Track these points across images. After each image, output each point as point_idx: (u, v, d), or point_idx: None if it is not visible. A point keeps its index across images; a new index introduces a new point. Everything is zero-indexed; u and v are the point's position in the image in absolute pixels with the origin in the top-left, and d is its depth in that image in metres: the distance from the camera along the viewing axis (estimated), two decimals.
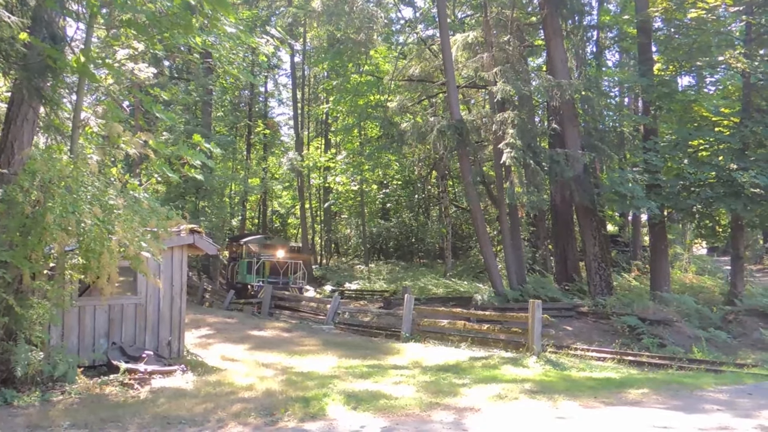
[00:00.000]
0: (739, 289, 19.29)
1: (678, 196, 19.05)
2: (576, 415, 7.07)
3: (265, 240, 28.40)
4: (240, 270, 27.09)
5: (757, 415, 7.12)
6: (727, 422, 6.74)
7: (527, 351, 11.66)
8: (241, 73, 13.70)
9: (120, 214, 7.48)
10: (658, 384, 9.11)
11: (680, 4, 19.62)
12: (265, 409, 7.02)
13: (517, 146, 18.49)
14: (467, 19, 27.87)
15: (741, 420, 6.85)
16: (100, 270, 7.33)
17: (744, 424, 6.64)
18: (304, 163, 33.81)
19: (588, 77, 22.91)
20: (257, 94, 39.17)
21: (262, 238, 28.74)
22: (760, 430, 6.43)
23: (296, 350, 12.29)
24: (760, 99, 19.79)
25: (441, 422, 6.59)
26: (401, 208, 35.62)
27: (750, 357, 13.39)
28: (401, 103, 24.51)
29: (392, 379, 9.01)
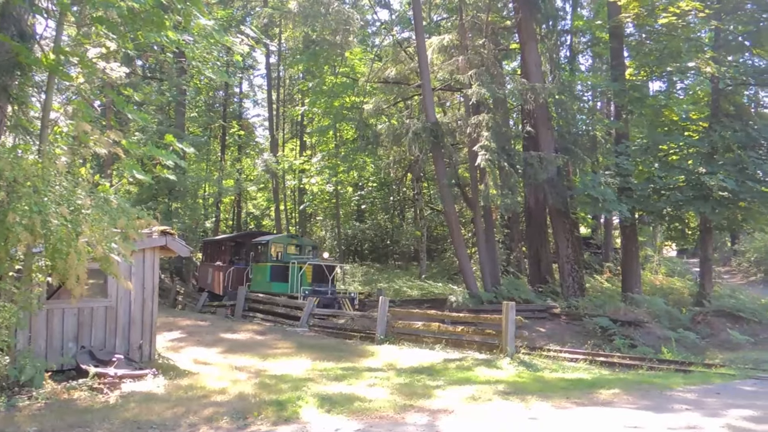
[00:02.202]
0: (707, 291, 19.64)
1: (648, 199, 19.34)
2: (548, 415, 7.12)
3: (290, 239, 23.28)
4: (256, 276, 21.98)
5: (725, 414, 7.25)
6: (696, 421, 6.84)
7: (501, 352, 11.72)
8: (216, 73, 13.56)
9: (88, 215, 7.35)
10: (628, 384, 9.22)
11: (651, 10, 19.93)
12: (237, 413, 6.95)
13: (492, 149, 18.60)
14: (443, 22, 27.96)
15: (709, 419, 6.97)
16: (68, 271, 7.19)
17: (712, 423, 6.76)
18: (279, 165, 33.59)
19: (561, 81, 23.15)
20: (232, 94, 38.84)
21: (286, 237, 23.70)
22: (728, 428, 6.55)
23: (270, 353, 12.20)
24: (728, 104, 20.17)
25: (414, 424, 6.59)
26: (376, 209, 35.63)
27: (718, 357, 13.63)
28: (377, 105, 24.50)
29: (366, 382, 8.99)
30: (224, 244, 26.58)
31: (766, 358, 12.80)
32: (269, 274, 20.96)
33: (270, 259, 21.39)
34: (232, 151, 39.99)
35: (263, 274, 21.41)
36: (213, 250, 27.58)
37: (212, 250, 27.70)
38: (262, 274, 21.53)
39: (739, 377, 10.35)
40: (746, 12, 19.62)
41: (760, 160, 17.89)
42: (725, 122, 18.92)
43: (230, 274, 23.32)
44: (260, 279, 21.55)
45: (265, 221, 43.20)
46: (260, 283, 21.37)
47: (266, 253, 21.62)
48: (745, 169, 17.57)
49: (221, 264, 25.00)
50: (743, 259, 31.68)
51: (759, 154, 18.40)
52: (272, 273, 20.91)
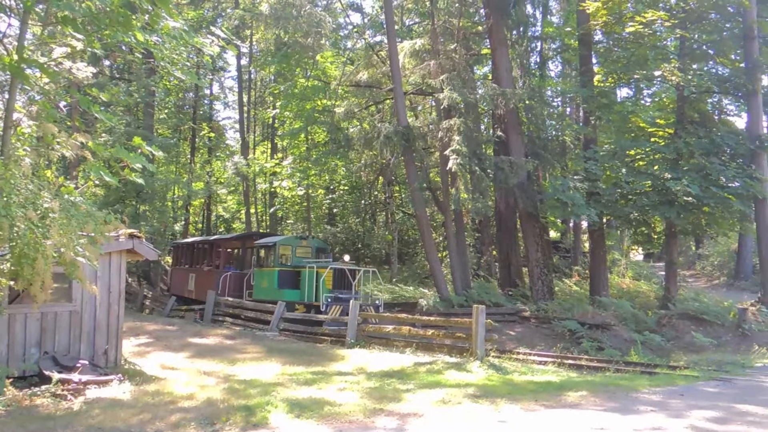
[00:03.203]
0: (672, 294, 20.03)
1: (616, 204, 19.66)
2: (517, 418, 7.18)
3: (299, 241, 20.53)
4: (260, 282, 19.60)
5: (688, 415, 7.39)
6: (660, 423, 6.96)
7: (471, 356, 11.78)
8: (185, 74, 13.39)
9: (55, 218, 7.19)
10: (595, 386, 9.35)
11: (619, 18, 20.32)
12: (205, 419, 6.85)
13: (463, 153, 18.73)
14: (415, 27, 28.12)
15: (673, 420, 7.10)
16: (34, 276, 7.02)
17: (676, 424, 6.88)
18: (250, 168, 33.35)
19: (532, 87, 23.45)
20: (202, 96, 38.45)
21: (294, 238, 20.83)
22: (691, 429, 6.68)
23: (239, 358, 12.08)
24: (692, 111, 20.64)
25: (384, 428, 6.58)
26: (348, 213, 35.54)
27: (682, 359, 13.90)
28: (348, 109, 24.48)
29: (337, 386, 8.95)
30: (212, 246, 24.53)
31: (728, 359, 13.08)
32: (277, 280, 18.65)
33: (277, 263, 18.99)
34: (202, 154, 39.57)
35: (269, 279, 19.03)
36: (193, 254, 25.73)
37: (192, 254, 25.82)
38: (268, 280, 19.16)
39: (703, 379, 10.57)
40: (710, 21, 20.13)
41: (723, 166, 18.32)
42: (690, 129, 19.36)
43: (225, 281, 21.20)
44: (266, 286, 19.16)
45: (235, 224, 42.81)
46: (266, 290, 19.04)
47: (273, 257, 19.23)
48: (709, 175, 17.97)
49: (209, 269, 23.10)
50: (707, 262, 32.35)
51: (722, 160, 18.85)
52: (280, 279, 18.64)
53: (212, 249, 24.36)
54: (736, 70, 20.14)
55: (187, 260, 25.89)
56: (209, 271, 22.87)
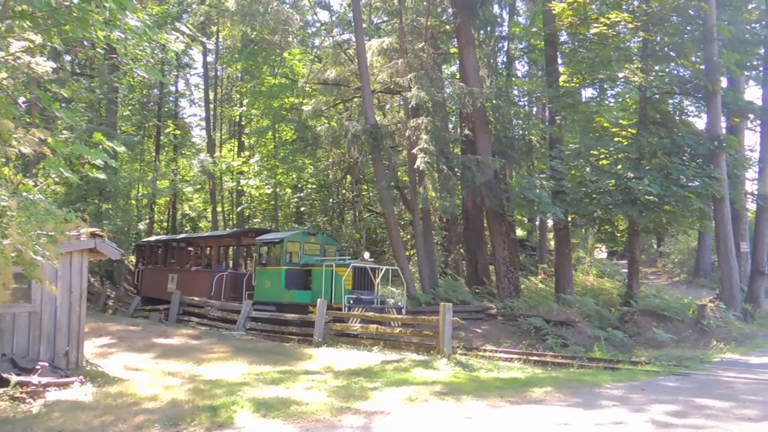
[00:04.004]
0: (634, 291, 20.44)
1: (581, 203, 19.98)
2: (483, 414, 7.24)
3: (307, 237, 18.75)
4: (263, 283, 17.98)
5: (649, 409, 7.55)
6: (622, 417, 7.10)
7: (438, 353, 11.84)
8: (149, 70, 13.18)
9: (14, 217, 7.00)
10: (560, 382, 9.48)
11: (584, 19, 20.63)
12: (169, 420, 6.76)
13: (431, 152, 18.82)
14: (383, 25, 28.11)
15: (634, 414, 7.24)
16: None
17: (636, 418, 7.03)
18: (217, 166, 32.98)
19: (499, 86, 23.69)
20: (167, 93, 37.87)
21: (302, 234, 18.97)
22: (651, 423, 6.82)
23: (205, 358, 11.95)
24: (654, 112, 21.09)
25: (351, 426, 6.58)
26: (315, 212, 35.39)
27: (644, 355, 14.17)
28: (316, 107, 24.40)
29: (304, 385, 8.92)
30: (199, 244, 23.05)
31: (688, 355, 13.40)
32: (284, 280, 17.15)
33: (285, 261, 17.50)
34: (167, 151, 38.93)
35: (275, 280, 17.47)
36: (171, 252, 24.23)
37: (169, 252, 24.34)
38: (273, 281, 17.58)
39: (663, 374, 10.80)
40: (672, 24, 20.57)
41: (683, 166, 18.76)
42: (652, 129, 19.77)
43: (221, 282, 19.71)
44: (270, 286, 17.59)
45: (202, 223, 42.30)
46: (270, 291, 17.54)
47: (279, 255, 17.66)
48: (670, 175, 18.38)
49: (197, 269, 21.66)
50: (668, 260, 33.13)
51: (682, 160, 19.31)
52: (288, 279, 17.18)
53: (201, 247, 22.96)
54: (697, 71, 20.63)
55: (163, 259, 24.48)
56: (197, 272, 21.35)
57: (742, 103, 21.19)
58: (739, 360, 12.98)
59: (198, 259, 22.69)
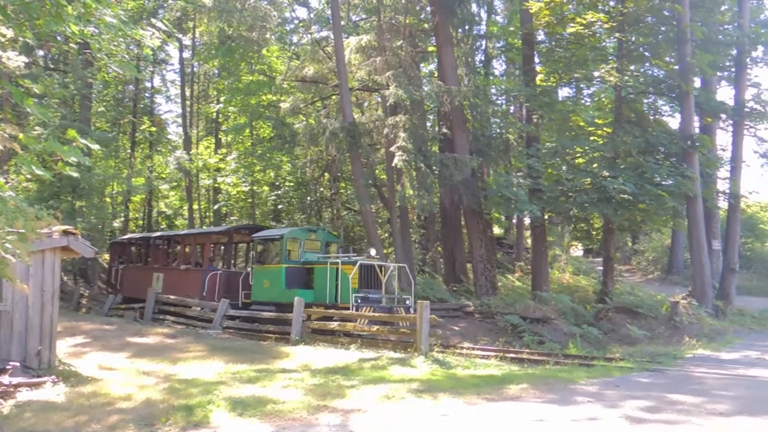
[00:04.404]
0: (609, 288, 20.69)
1: (557, 201, 20.17)
2: (459, 412, 7.28)
3: (308, 233, 17.97)
4: (261, 281, 17.10)
5: (622, 405, 7.65)
6: (596, 413, 7.19)
7: (415, 351, 11.87)
8: (124, 66, 12.99)
9: None
10: (536, 379, 9.57)
11: (561, 19, 20.83)
12: (144, 420, 6.69)
13: (409, 150, 18.84)
14: (361, 23, 28.04)
15: (608, 410, 7.34)
16: None
17: (611, 414, 7.12)
18: (193, 163, 32.63)
19: (476, 85, 23.78)
20: (143, 89, 37.31)
21: (302, 230, 18.25)
22: (625, 418, 6.92)
23: (181, 357, 11.84)
24: (629, 111, 21.36)
25: (328, 425, 6.57)
26: (293, 209, 35.20)
27: (618, 351, 14.36)
28: (294, 104, 24.26)
29: (280, 383, 8.88)
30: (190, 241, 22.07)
31: (661, 351, 13.59)
32: (284, 279, 16.40)
33: (284, 259, 16.71)
34: (142, 148, 38.44)
35: (274, 279, 16.67)
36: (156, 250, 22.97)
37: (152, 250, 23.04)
38: (272, 279, 16.75)
39: (637, 370, 10.95)
40: (646, 24, 20.85)
41: (657, 165, 19.04)
42: (627, 128, 20.02)
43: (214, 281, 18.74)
44: (270, 286, 16.75)
45: (178, 221, 41.87)
46: (269, 290, 16.67)
47: (278, 252, 16.95)
48: (644, 174, 18.64)
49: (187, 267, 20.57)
50: (642, 258, 33.57)
51: (656, 159, 19.59)
52: (288, 277, 16.41)
53: (190, 245, 22.07)
54: (671, 72, 20.94)
55: (147, 258, 23.29)
56: (187, 271, 20.25)
57: (714, 103, 21.55)
58: (710, 356, 13.22)
59: (187, 258, 21.74)
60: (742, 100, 21.55)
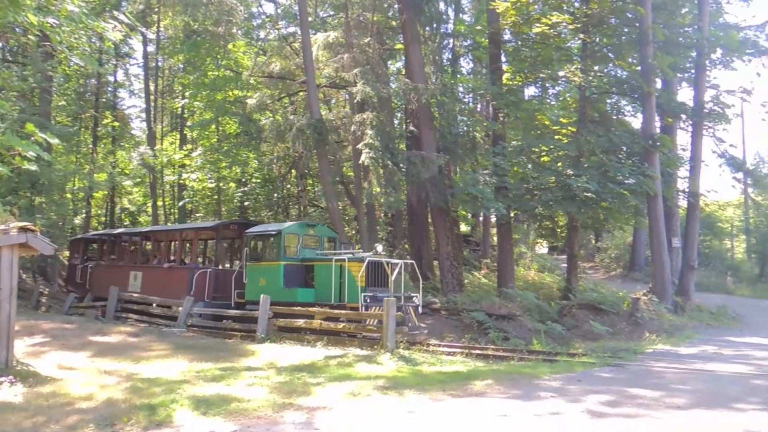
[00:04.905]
0: (573, 285, 21.03)
1: (522, 199, 20.41)
2: (425, 408, 7.32)
3: (306, 228, 17.04)
4: (257, 280, 16.22)
5: (584, 399, 7.79)
6: (559, 407, 7.30)
7: (382, 348, 11.89)
8: (85, 59, 12.72)
9: None
10: (500, 375, 9.66)
11: (527, 19, 21.05)
12: (104, 420, 6.56)
13: (376, 147, 18.85)
14: (329, 19, 27.96)
15: (571, 405, 7.46)
16: None
17: (573, 408, 7.24)
18: (157, 159, 32.14)
19: (444, 83, 23.90)
20: (105, 83, 36.56)
21: (300, 225, 17.16)
22: (586, 413, 7.05)
23: (144, 355, 11.65)
24: (593, 111, 21.72)
25: (293, 423, 6.54)
26: (260, 206, 34.94)
27: (581, 347, 14.58)
28: (261, 100, 24.07)
29: (245, 381, 8.81)
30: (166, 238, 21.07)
31: (622, 346, 13.85)
32: (282, 277, 15.67)
33: (282, 256, 15.92)
34: (105, 144, 37.65)
35: (271, 277, 15.85)
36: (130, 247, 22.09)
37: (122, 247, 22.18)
38: (268, 278, 15.91)
39: (598, 365, 11.15)
40: (610, 26, 21.22)
41: (620, 164, 19.41)
42: (590, 128, 20.35)
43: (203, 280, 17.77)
44: (266, 284, 15.84)
45: (141, 217, 41.20)
46: (266, 289, 15.48)
47: (276, 249, 16.04)
48: (607, 172, 18.98)
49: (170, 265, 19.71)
50: (605, 255, 34.22)
51: (619, 158, 19.96)
52: (287, 275, 15.72)
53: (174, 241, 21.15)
54: (633, 72, 21.34)
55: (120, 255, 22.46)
56: (171, 269, 19.39)
57: (675, 104, 22.01)
58: (669, 351, 13.52)
59: (168, 255, 20.82)
60: (702, 101, 22.05)
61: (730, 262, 30.62)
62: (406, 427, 6.54)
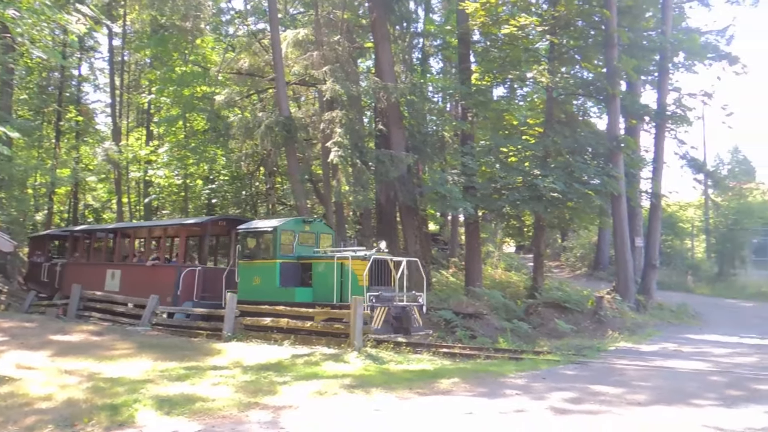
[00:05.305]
0: (539, 284, 21.30)
1: (490, 198, 20.59)
2: (391, 406, 7.34)
3: (303, 224, 16.24)
4: (251, 279, 15.54)
5: (548, 397, 7.91)
6: (524, 405, 7.40)
7: (349, 347, 11.88)
8: (48, 52, 12.44)
9: None
10: (467, 373, 9.75)
11: (496, 20, 21.23)
12: (64, 420, 6.44)
13: (345, 145, 18.83)
14: (299, 17, 27.82)
15: (535, 402, 7.57)
16: None
17: (537, 406, 7.35)
18: (123, 155, 31.60)
19: (413, 82, 23.97)
20: (69, 77, 35.78)
21: (297, 222, 16.44)
22: (550, 410, 7.16)
23: (107, 355, 11.43)
24: (560, 112, 22.02)
25: (258, 422, 6.50)
26: (228, 204, 34.60)
27: (546, 345, 14.76)
28: (229, 97, 23.83)
29: (210, 381, 8.72)
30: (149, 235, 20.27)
31: (586, 344, 14.05)
32: (278, 276, 15.05)
33: (278, 253, 15.22)
34: (68, 139, 36.87)
35: (267, 276, 15.20)
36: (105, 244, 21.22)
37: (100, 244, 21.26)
38: (263, 277, 15.30)
39: (563, 362, 11.31)
40: (577, 28, 21.54)
41: (585, 164, 19.71)
42: (557, 128, 20.64)
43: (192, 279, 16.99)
44: (261, 283, 15.30)
45: (106, 214, 40.46)
46: (260, 289, 15.22)
47: (272, 246, 15.30)
48: (573, 173, 19.24)
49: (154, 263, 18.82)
50: (571, 254, 34.73)
51: (584, 159, 20.28)
52: (283, 274, 15.10)
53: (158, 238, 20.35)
54: (599, 74, 21.67)
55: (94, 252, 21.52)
56: (155, 268, 18.49)
57: (638, 106, 22.43)
58: (631, 348, 13.78)
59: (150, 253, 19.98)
60: (664, 103, 22.52)
61: (690, 262, 31.30)
62: (373, 425, 6.56)
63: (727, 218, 29.84)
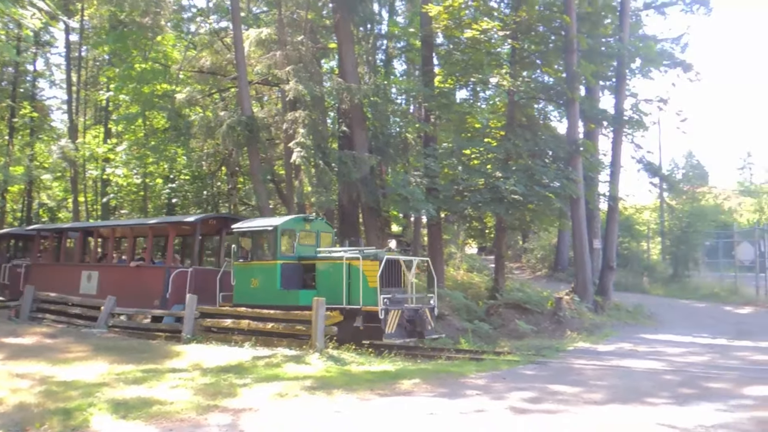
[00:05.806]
0: (500, 285, 21.54)
1: (452, 200, 20.73)
2: (352, 408, 7.34)
3: (303, 223, 15.46)
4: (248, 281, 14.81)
5: (508, 396, 8.02)
6: (484, 405, 7.48)
7: (311, 348, 11.83)
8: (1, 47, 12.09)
9: None
10: (428, 374, 9.80)
11: (458, 23, 21.41)
12: (15, 425, 6.27)
13: (308, 146, 18.74)
14: (262, 15, 27.58)
15: (495, 402, 7.66)
16: None
17: (497, 405, 7.44)
18: (79, 153, 30.85)
19: (377, 83, 23.98)
20: (24, 72, 34.83)
21: (297, 220, 15.54)
22: (510, 409, 7.26)
23: (61, 358, 11.14)
24: (521, 115, 22.32)
25: (217, 425, 6.43)
26: (189, 204, 34.05)
27: (506, 345, 14.95)
28: (190, 95, 23.49)
29: (169, 383, 8.58)
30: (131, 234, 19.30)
31: (545, 344, 14.29)
32: (279, 278, 14.31)
33: (279, 254, 14.47)
34: (22, 136, 35.85)
35: (267, 277, 14.45)
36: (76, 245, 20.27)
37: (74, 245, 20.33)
38: (263, 278, 14.54)
39: (523, 363, 11.48)
40: (538, 33, 21.88)
41: (545, 167, 20.03)
42: (518, 132, 20.91)
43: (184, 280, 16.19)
44: (259, 286, 14.59)
45: (61, 213, 39.43)
46: (258, 292, 14.53)
47: (272, 246, 14.54)
48: (534, 175, 19.54)
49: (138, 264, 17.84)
50: (531, 256, 35.20)
51: (545, 162, 20.62)
52: (284, 276, 14.37)
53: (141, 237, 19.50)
54: (559, 79, 22.04)
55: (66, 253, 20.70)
56: (139, 269, 17.58)
57: (597, 110, 22.85)
58: (589, 348, 14.06)
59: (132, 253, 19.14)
60: (622, 108, 22.98)
61: (646, 263, 32.01)
62: (334, 427, 6.55)
63: (681, 221, 30.59)
